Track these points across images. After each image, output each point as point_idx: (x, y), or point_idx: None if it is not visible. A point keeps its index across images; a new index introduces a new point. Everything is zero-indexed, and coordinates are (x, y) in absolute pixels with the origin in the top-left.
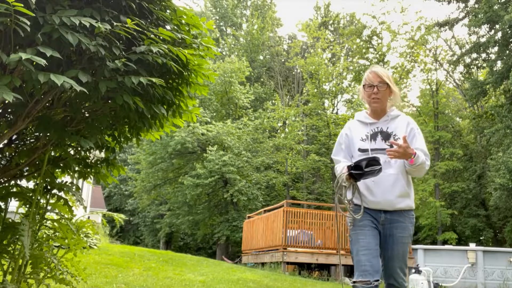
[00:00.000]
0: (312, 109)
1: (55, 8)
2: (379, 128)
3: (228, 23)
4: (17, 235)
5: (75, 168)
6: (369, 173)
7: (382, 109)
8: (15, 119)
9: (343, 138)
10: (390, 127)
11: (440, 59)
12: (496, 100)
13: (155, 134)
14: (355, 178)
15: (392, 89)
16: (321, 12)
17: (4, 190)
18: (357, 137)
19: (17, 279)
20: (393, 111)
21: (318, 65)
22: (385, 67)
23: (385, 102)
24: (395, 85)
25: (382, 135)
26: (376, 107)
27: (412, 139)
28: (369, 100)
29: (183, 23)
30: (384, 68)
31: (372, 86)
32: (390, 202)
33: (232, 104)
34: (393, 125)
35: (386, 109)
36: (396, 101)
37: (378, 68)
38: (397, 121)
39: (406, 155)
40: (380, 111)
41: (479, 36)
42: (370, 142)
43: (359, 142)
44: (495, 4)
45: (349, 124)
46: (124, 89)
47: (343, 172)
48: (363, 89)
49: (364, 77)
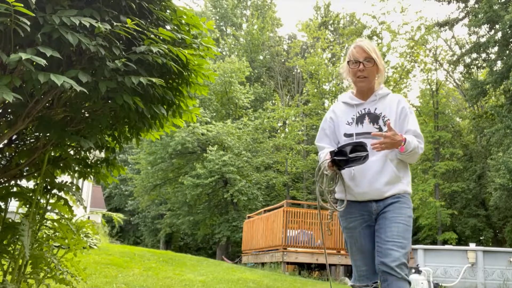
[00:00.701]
0: (312, 109)
1: (55, 8)
2: (366, 110)
3: (228, 23)
4: (17, 235)
5: (75, 168)
6: (354, 159)
7: (369, 88)
8: (15, 119)
9: (327, 123)
10: (379, 108)
11: (440, 59)
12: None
13: (155, 134)
14: (338, 166)
15: (379, 66)
16: (321, 12)
17: (4, 190)
18: (343, 121)
19: (17, 279)
20: (382, 90)
21: (318, 65)
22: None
23: (373, 80)
24: (382, 61)
25: (370, 117)
26: (362, 86)
27: (403, 120)
28: (355, 79)
29: (183, 23)
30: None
31: (357, 63)
32: (379, 191)
33: (232, 104)
34: (382, 105)
35: (374, 88)
36: (382, 79)
37: (364, 42)
38: (387, 100)
39: (395, 144)
40: (367, 90)
41: (479, 36)
42: (357, 125)
43: (344, 127)
44: (495, 4)
45: (334, 107)
46: (124, 89)
47: (325, 158)
48: (348, 66)
49: (349, 52)
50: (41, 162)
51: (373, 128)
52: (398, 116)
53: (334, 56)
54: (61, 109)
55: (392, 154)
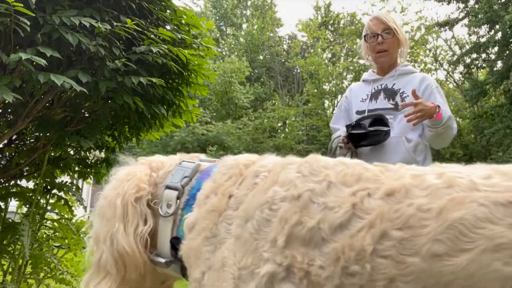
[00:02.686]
0: (312, 109)
1: (55, 8)
2: (383, 85)
3: (228, 23)
4: (17, 235)
5: (75, 168)
6: (374, 134)
7: (390, 64)
8: (15, 119)
9: (343, 102)
10: (398, 84)
11: (440, 59)
12: (496, 100)
13: (155, 134)
14: (355, 142)
15: (400, 38)
16: (321, 12)
17: (4, 190)
18: (357, 98)
19: (17, 279)
20: (404, 66)
21: (318, 65)
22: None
23: (394, 54)
24: (404, 32)
25: (386, 92)
26: (383, 62)
27: (428, 98)
28: (374, 54)
29: (183, 23)
30: (407, 40)
31: (375, 36)
32: None
33: (232, 104)
34: (402, 81)
35: (396, 64)
36: (405, 53)
37: (382, 12)
38: (409, 77)
39: (430, 112)
40: (388, 66)
41: (479, 36)
42: (370, 101)
43: (358, 104)
44: (495, 4)
45: (352, 86)
46: (124, 89)
47: (340, 135)
48: (365, 41)
49: (365, 26)
50: (41, 162)
51: (388, 104)
52: (421, 94)
53: (334, 56)
54: (61, 109)
55: (412, 134)
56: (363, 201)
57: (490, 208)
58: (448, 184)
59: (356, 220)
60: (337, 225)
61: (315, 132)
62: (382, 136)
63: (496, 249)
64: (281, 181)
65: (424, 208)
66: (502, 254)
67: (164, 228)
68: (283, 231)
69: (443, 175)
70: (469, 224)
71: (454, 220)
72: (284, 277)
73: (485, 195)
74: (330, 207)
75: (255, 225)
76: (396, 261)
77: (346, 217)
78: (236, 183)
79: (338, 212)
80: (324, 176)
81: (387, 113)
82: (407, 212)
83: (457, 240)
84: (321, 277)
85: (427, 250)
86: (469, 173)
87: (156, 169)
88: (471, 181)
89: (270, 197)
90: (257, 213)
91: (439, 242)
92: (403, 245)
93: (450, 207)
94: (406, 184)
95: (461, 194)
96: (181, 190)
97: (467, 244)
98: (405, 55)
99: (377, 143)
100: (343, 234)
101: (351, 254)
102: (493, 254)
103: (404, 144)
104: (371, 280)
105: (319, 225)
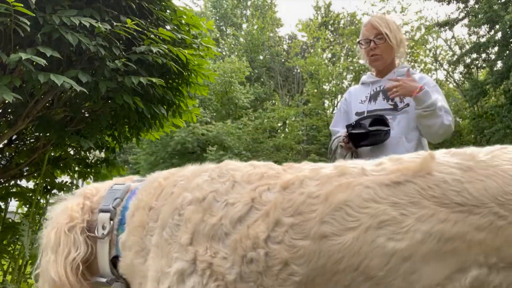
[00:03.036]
0: (312, 109)
1: (55, 8)
2: (381, 87)
3: (228, 23)
4: (17, 235)
5: (75, 168)
6: (375, 134)
7: (386, 67)
8: (15, 119)
9: (342, 104)
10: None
11: (440, 59)
12: (496, 100)
13: (155, 134)
14: (355, 142)
15: (392, 43)
16: (321, 12)
17: (4, 190)
18: (356, 100)
19: (17, 279)
20: (403, 68)
21: (318, 65)
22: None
23: (388, 58)
24: (400, 33)
25: (384, 94)
26: (377, 65)
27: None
28: (368, 58)
29: (183, 23)
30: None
31: (367, 42)
32: None
33: (232, 104)
34: None
35: (394, 66)
36: (402, 55)
37: (376, 17)
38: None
39: (410, 88)
40: (383, 69)
41: (479, 36)
42: (369, 103)
43: (357, 105)
44: (495, 4)
45: (351, 88)
46: (124, 89)
47: (340, 135)
48: (360, 47)
49: (361, 31)
50: (41, 162)
51: (387, 105)
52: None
53: (334, 56)
54: (61, 109)
55: (412, 134)
56: (261, 195)
57: (375, 189)
58: (341, 173)
59: (254, 212)
60: (237, 218)
61: (315, 132)
62: (383, 136)
63: (380, 226)
64: (191, 187)
65: (313, 195)
66: (386, 230)
67: (102, 250)
68: (187, 230)
69: (339, 167)
70: (354, 205)
71: (339, 202)
72: (192, 271)
73: (372, 178)
74: (231, 203)
75: (169, 232)
76: (288, 245)
77: (245, 210)
78: (155, 195)
79: (237, 207)
80: (230, 177)
81: (386, 113)
82: (298, 200)
83: (343, 220)
84: (223, 267)
85: (315, 232)
86: (365, 163)
87: (91, 195)
88: (362, 169)
89: (179, 203)
90: (170, 220)
91: (326, 223)
92: (294, 230)
93: (337, 191)
94: (301, 176)
95: (350, 179)
96: (113, 211)
97: (352, 223)
98: (404, 55)
99: (377, 143)
100: (242, 225)
101: (248, 243)
102: (376, 230)
103: (404, 144)
104: (267, 266)
105: (221, 221)
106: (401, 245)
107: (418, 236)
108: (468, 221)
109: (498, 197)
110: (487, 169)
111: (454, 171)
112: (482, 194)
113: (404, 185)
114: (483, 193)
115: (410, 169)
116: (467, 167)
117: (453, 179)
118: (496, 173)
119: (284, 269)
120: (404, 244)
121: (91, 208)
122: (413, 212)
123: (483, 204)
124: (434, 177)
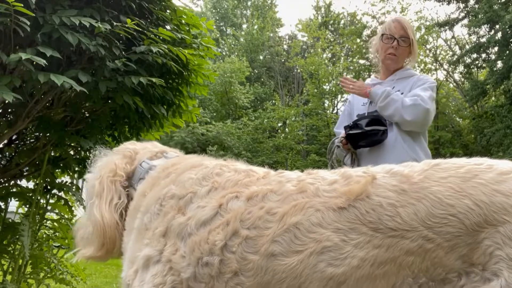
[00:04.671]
0: (312, 109)
1: (55, 8)
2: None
3: (228, 23)
4: (17, 235)
5: (75, 168)
6: (371, 133)
7: (395, 69)
8: (15, 119)
9: (346, 107)
10: (397, 87)
11: (440, 59)
12: (496, 100)
13: (155, 134)
14: (353, 142)
15: (413, 49)
16: (322, 12)
17: (4, 190)
18: (359, 103)
19: (17, 279)
20: (405, 70)
21: (318, 65)
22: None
23: (402, 62)
24: (416, 45)
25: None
26: (389, 64)
27: (415, 83)
28: (384, 55)
29: (183, 23)
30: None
31: (392, 38)
32: None
33: (232, 104)
34: (402, 84)
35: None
36: (412, 65)
37: (405, 18)
38: (410, 80)
39: (361, 90)
40: (391, 70)
41: (479, 36)
42: (370, 105)
43: (359, 108)
44: (495, 4)
45: None
46: (124, 89)
47: (339, 136)
48: (380, 40)
49: (385, 25)
50: (41, 162)
51: None
52: (412, 84)
53: (334, 56)
54: (61, 109)
55: (405, 133)
56: (228, 202)
57: (323, 213)
58: (299, 190)
59: (218, 218)
60: (202, 222)
61: (315, 132)
62: (380, 135)
63: (322, 252)
64: (177, 181)
65: (272, 212)
66: (327, 256)
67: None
68: (163, 222)
69: (301, 182)
70: (303, 228)
71: (291, 224)
72: (157, 260)
73: (323, 200)
74: (202, 206)
75: (149, 217)
76: (241, 257)
77: (210, 215)
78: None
79: (205, 210)
80: (211, 182)
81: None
82: (257, 214)
83: (291, 242)
84: (180, 265)
85: (265, 249)
86: (324, 178)
87: (129, 158)
88: (316, 188)
89: (163, 194)
90: (152, 208)
91: (276, 243)
92: (248, 244)
93: (292, 212)
94: (265, 190)
95: (305, 200)
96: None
97: (299, 247)
98: (412, 66)
99: (375, 142)
100: (204, 229)
101: (206, 247)
102: (319, 256)
103: (402, 144)
104: (220, 272)
105: (188, 221)
106: (338, 270)
107: (355, 262)
108: (400, 246)
109: (426, 220)
110: (418, 191)
111: (390, 194)
112: (412, 218)
113: (347, 211)
114: (413, 217)
115: (353, 193)
116: (402, 190)
117: (388, 204)
118: (426, 196)
119: (234, 278)
120: (341, 270)
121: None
122: (352, 238)
123: (414, 228)
124: (372, 201)
